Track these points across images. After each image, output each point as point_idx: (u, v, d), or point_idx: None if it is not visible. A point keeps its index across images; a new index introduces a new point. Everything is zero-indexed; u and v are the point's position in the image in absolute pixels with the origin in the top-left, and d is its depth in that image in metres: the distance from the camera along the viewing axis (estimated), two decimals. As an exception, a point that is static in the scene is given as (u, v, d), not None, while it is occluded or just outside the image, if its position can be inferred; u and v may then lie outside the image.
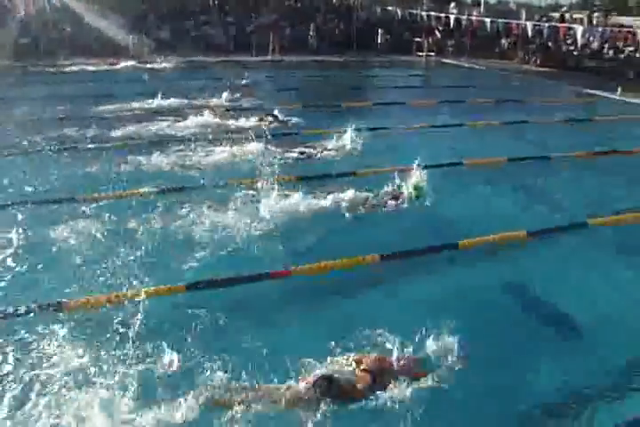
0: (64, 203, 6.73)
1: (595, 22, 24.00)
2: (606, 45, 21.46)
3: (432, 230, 6.70)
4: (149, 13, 22.93)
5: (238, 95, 13.65)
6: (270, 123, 10.96)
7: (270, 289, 5.19)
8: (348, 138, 9.40)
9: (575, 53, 21.98)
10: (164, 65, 18.71)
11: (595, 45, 21.61)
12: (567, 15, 25.97)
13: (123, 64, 18.56)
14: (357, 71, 20.78)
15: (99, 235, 5.82)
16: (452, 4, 28.88)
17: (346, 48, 23.78)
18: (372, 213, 6.86)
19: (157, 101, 12.63)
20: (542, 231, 6.59)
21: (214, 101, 13.07)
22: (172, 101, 12.75)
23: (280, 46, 22.24)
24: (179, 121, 10.94)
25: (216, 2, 24.95)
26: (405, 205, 7.02)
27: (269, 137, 9.31)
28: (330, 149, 9.24)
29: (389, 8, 28.92)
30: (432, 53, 24.42)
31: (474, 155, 9.57)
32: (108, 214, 6.21)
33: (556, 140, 11.35)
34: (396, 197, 7.10)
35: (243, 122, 11.10)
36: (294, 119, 11.37)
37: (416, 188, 7.11)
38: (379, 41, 25.18)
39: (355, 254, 5.68)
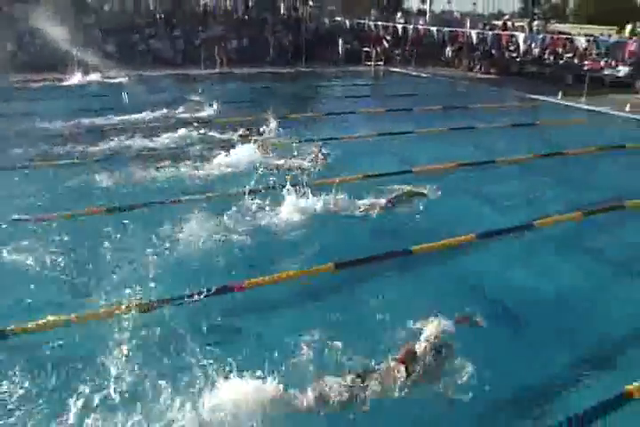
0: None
1: (535, 30, 24.88)
2: (547, 52, 22.26)
3: (386, 238, 6.79)
4: (95, 28, 22.55)
5: (194, 108, 13.58)
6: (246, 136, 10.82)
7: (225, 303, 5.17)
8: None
9: (517, 60, 22.72)
10: (112, 80, 18.35)
11: (536, 52, 22.37)
12: (509, 23, 26.83)
13: (71, 80, 18.08)
14: (307, 82, 20.85)
15: (49, 255, 5.70)
16: (399, 14, 29.55)
17: (295, 59, 23.93)
18: (326, 223, 6.92)
19: (110, 116, 12.41)
20: (490, 233, 6.79)
21: (172, 114, 12.97)
22: (128, 116, 12.54)
23: (227, 59, 22.20)
24: (135, 136, 10.72)
25: (162, 16, 24.75)
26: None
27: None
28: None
29: (338, 19, 29.32)
30: (380, 63, 24.78)
31: (424, 161, 9.77)
32: (58, 234, 6.09)
33: (503, 144, 11.71)
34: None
35: (205, 135, 11.00)
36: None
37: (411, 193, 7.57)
38: (339, 51, 25.44)
39: (310, 264, 5.73)
